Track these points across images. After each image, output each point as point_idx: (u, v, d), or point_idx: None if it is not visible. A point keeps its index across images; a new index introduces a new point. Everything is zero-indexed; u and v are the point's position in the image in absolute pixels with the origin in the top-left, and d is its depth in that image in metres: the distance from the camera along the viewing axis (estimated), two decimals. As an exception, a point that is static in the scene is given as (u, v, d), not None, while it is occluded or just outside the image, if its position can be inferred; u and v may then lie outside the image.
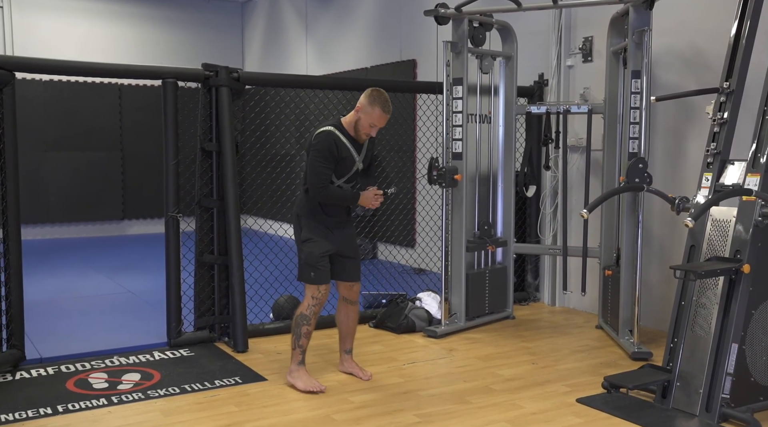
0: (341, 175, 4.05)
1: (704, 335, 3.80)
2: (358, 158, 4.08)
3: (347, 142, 4.02)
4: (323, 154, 3.94)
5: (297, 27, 10.60)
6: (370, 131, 3.99)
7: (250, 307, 5.38)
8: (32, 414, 3.71)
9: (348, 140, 4.02)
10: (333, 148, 3.95)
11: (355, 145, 4.06)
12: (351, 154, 4.03)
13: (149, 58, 11.24)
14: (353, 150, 4.04)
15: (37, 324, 5.54)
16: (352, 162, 4.05)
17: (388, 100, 3.98)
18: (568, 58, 6.16)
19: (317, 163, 3.94)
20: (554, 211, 6.24)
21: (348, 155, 4.02)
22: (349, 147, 4.02)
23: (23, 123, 10.35)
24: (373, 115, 3.94)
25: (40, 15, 10.72)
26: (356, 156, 4.06)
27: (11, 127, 4.38)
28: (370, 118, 3.95)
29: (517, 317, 5.89)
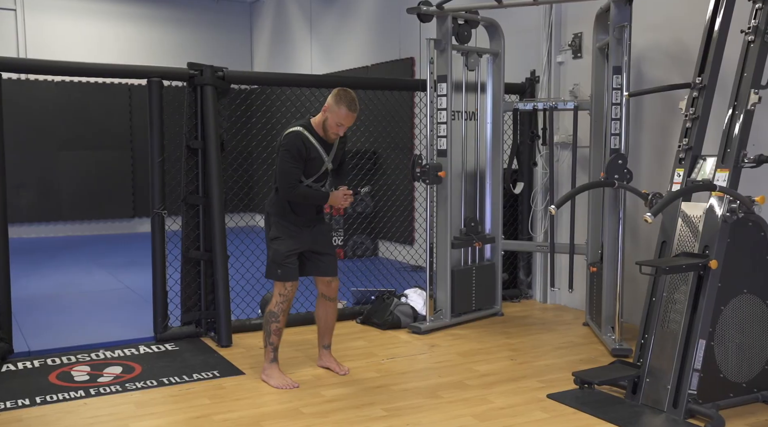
0: (310, 175, 4.09)
1: (675, 331, 3.79)
2: (327, 158, 4.12)
3: (316, 143, 4.06)
4: (292, 153, 4.00)
5: (302, 26, 10.68)
6: (338, 130, 4.03)
7: (237, 302, 5.47)
8: (10, 405, 3.81)
9: (317, 140, 4.07)
10: (301, 147, 4.00)
11: (324, 146, 4.10)
12: (320, 154, 4.08)
13: (159, 58, 11.37)
14: (322, 150, 4.09)
15: (33, 318, 5.71)
16: (321, 162, 4.10)
17: (354, 100, 4.01)
18: (558, 54, 6.16)
19: (286, 163, 3.99)
20: (545, 208, 6.24)
21: (317, 155, 4.07)
22: (317, 147, 4.07)
23: (36, 123, 10.70)
24: (339, 114, 3.98)
25: (52, 18, 10.92)
26: (325, 156, 4.11)
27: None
28: (336, 118, 3.99)
29: (506, 313, 5.90)
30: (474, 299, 5.65)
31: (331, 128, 4.03)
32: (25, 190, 10.71)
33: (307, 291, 5.83)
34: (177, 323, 5.17)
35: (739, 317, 3.75)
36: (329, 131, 4.04)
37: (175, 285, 5.18)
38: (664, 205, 3.45)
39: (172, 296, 5.14)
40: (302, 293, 5.88)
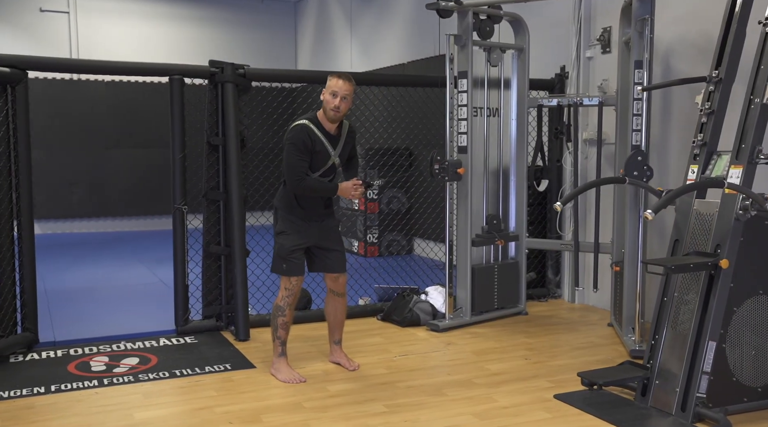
0: (316, 169, 4.10)
1: (685, 332, 3.67)
2: (334, 152, 4.13)
3: (321, 136, 4.07)
4: (297, 146, 4.01)
5: (342, 25, 10.73)
6: (335, 103, 3.99)
7: (257, 297, 5.53)
8: (26, 392, 3.95)
9: (322, 134, 4.08)
10: (307, 140, 4.02)
11: (329, 139, 4.11)
12: (325, 147, 4.09)
13: (206, 58, 11.55)
14: (327, 143, 4.09)
15: (66, 309, 5.91)
16: (327, 156, 4.10)
17: (345, 73, 4.09)
18: (587, 49, 6.03)
19: (292, 156, 4.01)
20: (574, 206, 6.11)
21: (322, 149, 4.08)
22: (323, 140, 4.07)
23: (87, 122, 11.04)
24: (330, 84, 4.01)
25: (103, 19, 11.25)
26: (331, 150, 4.11)
27: (24, 124, 4.64)
28: (330, 89, 4.00)
29: (531, 313, 5.81)
30: (496, 297, 5.58)
31: (328, 104, 4.01)
32: (76, 188, 11.08)
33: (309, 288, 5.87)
34: (199, 316, 5.26)
35: (754, 319, 3.61)
36: (328, 109, 4.02)
37: (196, 279, 5.27)
38: (666, 202, 3.34)
39: (193, 290, 5.23)
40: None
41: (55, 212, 11.00)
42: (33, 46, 10.60)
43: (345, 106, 4.04)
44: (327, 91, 4.03)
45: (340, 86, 4.01)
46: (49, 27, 10.99)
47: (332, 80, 4.04)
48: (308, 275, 5.13)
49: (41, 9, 10.94)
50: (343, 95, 4.02)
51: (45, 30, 10.96)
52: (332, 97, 4.01)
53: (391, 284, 6.02)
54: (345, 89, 4.02)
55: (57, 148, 10.87)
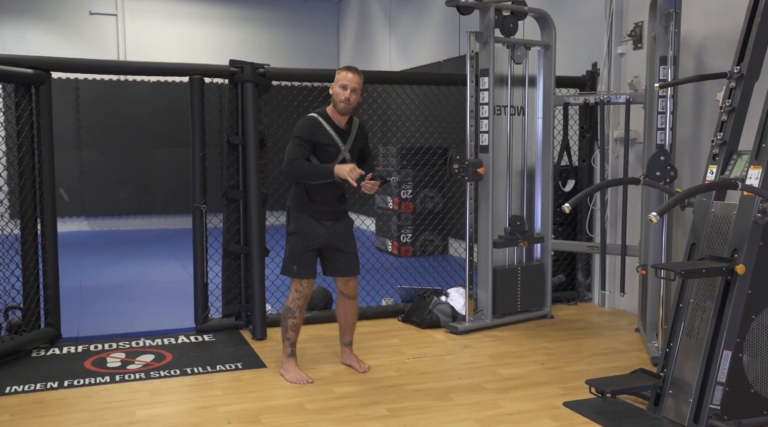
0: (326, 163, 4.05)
1: (700, 340, 3.50)
2: (344, 147, 4.08)
3: (330, 130, 4.04)
4: (297, 134, 4.00)
5: (382, 24, 10.69)
6: (345, 95, 3.97)
7: (278, 296, 5.54)
8: (39, 387, 4.03)
9: (332, 128, 4.05)
10: (312, 129, 4.00)
11: (340, 134, 4.07)
12: (334, 141, 4.04)
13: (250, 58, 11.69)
14: (337, 138, 4.05)
15: (95, 305, 6.03)
16: (337, 150, 4.05)
17: (353, 66, 4.07)
18: (619, 45, 5.84)
19: (292, 143, 3.99)
20: (602, 207, 5.93)
21: (331, 142, 4.03)
22: (331, 134, 4.03)
23: (134, 122, 11.29)
24: (339, 77, 4.01)
25: (149, 21, 11.47)
26: (341, 144, 4.07)
27: (47, 124, 4.74)
28: (339, 82, 4.00)
29: (557, 316, 5.67)
30: (519, 300, 5.46)
31: (338, 97, 3.99)
32: (123, 186, 11.34)
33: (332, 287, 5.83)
34: (219, 315, 5.30)
35: (774, 328, 3.42)
36: (338, 102, 4.00)
37: (216, 278, 5.31)
38: (673, 204, 3.18)
39: (213, 288, 5.27)
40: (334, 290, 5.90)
41: (103, 210, 11.28)
42: (82, 48, 10.87)
43: (355, 98, 4.02)
44: (336, 84, 4.02)
45: (350, 79, 3.99)
46: (98, 29, 11.26)
47: (341, 73, 4.03)
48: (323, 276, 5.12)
49: (91, 12, 11.22)
50: (353, 87, 4.00)
51: (94, 32, 11.23)
52: (342, 89, 3.99)
53: (413, 285, 5.94)
54: (354, 81, 4.00)
55: (106, 147, 11.15)
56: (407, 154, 8.57)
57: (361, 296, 5.79)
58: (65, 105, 10.87)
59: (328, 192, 4.13)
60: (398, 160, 8.64)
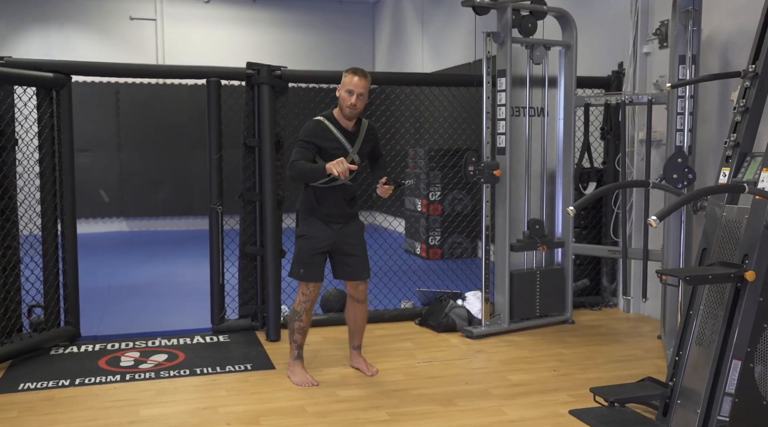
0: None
1: (709, 349, 3.38)
2: (352, 149, 4.06)
3: (337, 132, 4.02)
4: (301, 137, 4.01)
5: (415, 25, 10.66)
6: (351, 101, 3.95)
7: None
8: (51, 384, 4.11)
9: (339, 130, 4.03)
10: (317, 132, 3.99)
11: (347, 136, 4.05)
12: (342, 144, 4.02)
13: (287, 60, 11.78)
14: (345, 140, 4.03)
15: (119, 305, 6.13)
16: (344, 152, 4.02)
17: (362, 69, 4.02)
18: (644, 44, 5.69)
19: (296, 146, 3.99)
20: (629, 210, 5.79)
21: (338, 145, 4.01)
22: (338, 137, 4.02)
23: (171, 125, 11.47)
24: (345, 81, 3.98)
25: (187, 25, 11.65)
26: (348, 146, 4.05)
27: (67, 126, 4.84)
28: (345, 86, 3.97)
29: (578, 322, 5.54)
30: (538, 304, 5.36)
31: (345, 102, 3.97)
32: (161, 187, 11.53)
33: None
34: (236, 316, 5.33)
35: (788, 338, 3.27)
36: (344, 107, 3.98)
37: (232, 279, 5.35)
38: (673, 208, 3.06)
39: (229, 289, 5.31)
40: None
41: (142, 211, 11.49)
42: (122, 52, 11.09)
43: (361, 102, 4.00)
44: (343, 89, 4.00)
45: (356, 83, 3.97)
46: (137, 34, 11.48)
47: (347, 77, 4.01)
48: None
49: (131, 17, 11.45)
50: (359, 92, 3.98)
51: (134, 37, 11.45)
52: (348, 94, 3.98)
53: (432, 288, 5.89)
54: (361, 86, 3.98)
55: (145, 149, 11.34)
56: (436, 156, 8.52)
57: (378, 298, 5.81)
58: (106, 109, 11.12)
59: (337, 194, 4.11)
60: (427, 162, 8.58)
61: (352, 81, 3.98)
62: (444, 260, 8.39)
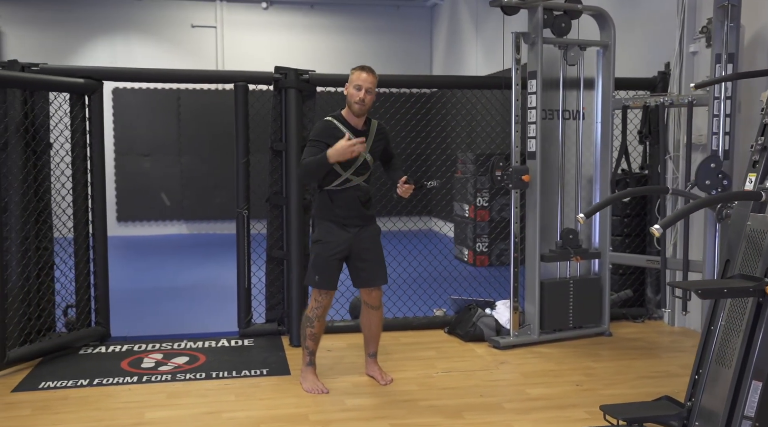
0: (347, 167, 3.95)
1: (729, 368, 3.14)
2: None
3: (346, 131, 3.96)
4: (310, 138, 4.00)
5: (469, 28, 10.50)
6: (359, 95, 3.90)
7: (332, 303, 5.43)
8: (70, 384, 4.18)
9: (348, 129, 3.97)
10: (327, 132, 3.95)
11: (357, 135, 3.98)
12: None
13: (345, 65, 11.80)
14: (355, 139, 3.97)
15: (155, 306, 6.23)
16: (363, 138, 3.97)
17: (368, 66, 4.00)
18: (691, 43, 5.40)
19: (305, 148, 3.97)
20: (675, 218, 5.49)
21: None
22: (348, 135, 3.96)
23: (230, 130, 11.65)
24: (353, 78, 3.96)
25: (246, 31, 11.83)
26: None
27: (98, 131, 4.94)
28: (353, 83, 3.94)
29: (617, 334, 5.29)
30: (572, 315, 5.14)
31: (352, 97, 3.93)
32: (219, 191, 11.73)
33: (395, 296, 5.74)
34: (261, 319, 5.33)
35: (817, 359, 3.00)
36: (352, 103, 3.94)
37: (259, 283, 5.35)
38: (678, 216, 2.86)
39: (256, 293, 5.32)
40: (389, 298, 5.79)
41: (201, 214, 11.72)
42: (184, 59, 11.37)
43: (369, 98, 3.95)
44: (350, 85, 3.96)
45: (364, 79, 3.92)
46: (198, 41, 11.74)
47: (355, 73, 3.97)
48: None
49: (192, 25, 11.71)
50: (367, 88, 3.93)
51: (195, 44, 11.71)
52: (356, 90, 3.93)
53: (464, 296, 5.74)
54: (369, 81, 3.93)
55: (204, 154, 11.58)
56: (486, 161, 8.34)
57: (408, 305, 5.71)
58: (167, 114, 11.41)
59: (352, 195, 4.02)
60: (476, 167, 8.42)
61: (360, 77, 3.94)
62: (491, 268, 8.21)
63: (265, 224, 5.37)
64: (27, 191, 4.61)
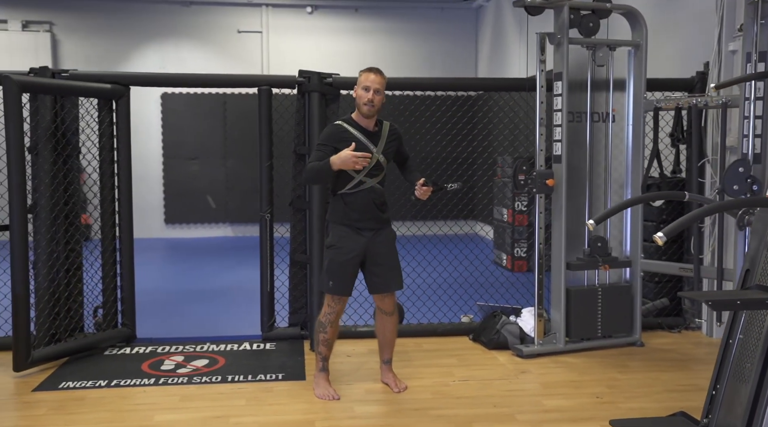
0: (361, 169, 3.90)
1: (747, 384, 2.97)
2: (375, 149, 3.93)
3: (358, 133, 3.92)
4: (318, 142, 3.98)
5: (514, 30, 10.33)
6: (368, 96, 3.87)
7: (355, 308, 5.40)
8: (89, 385, 4.24)
9: (359, 132, 3.93)
10: (336, 135, 3.92)
11: (369, 136, 3.94)
12: (364, 145, 3.91)
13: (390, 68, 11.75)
14: (367, 141, 3.92)
15: (186, 308, 6.29)
16: (368, 153, 3.90)
17: (376, 67, 3.99)
18: (730, 42, 5.17)
19: (312, 153, 3.93)
20: (713, 223, 5.27)
21: (359, 146, 3.88)
22: (359, 137, 3.91)
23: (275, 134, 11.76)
24: (361, 79, 3.94)
25: (291, 36, 11.91)
26: (372, 147, 3.92)
27: (125, 135, 5.02)
28: (361, 84, 3.92)
29: (649, 344, 5.09)
30: (600, 324, 4.97)
31: (360, 99, 3.90)
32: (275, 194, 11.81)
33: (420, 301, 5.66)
34: (284, 323, 5.33)
35: (841, 376, 2.82)
36: (361, 104, 3.90)
37: (282, 287, 5.34)
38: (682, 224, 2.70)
39: (279, 297, 5.31)
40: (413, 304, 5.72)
41: (245, 217, 11.81)
42: (230, 65, 11.49)
43: (378, 99, 3.91)
44: (359, 87, 3.93)
45: (372, 80, 3.89)
46: (244, 47, 11.86)
47: (363, 75, 3.95)
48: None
49: (239, 30, 11.85)
50: (376, 88, 3.89)
51: (241, 49, 11.84)
52: (365, 91, 3.90)
53: (490, 302, 5.62)
54: (377, 82, 3.89)
55: (249, 157, 11.66)
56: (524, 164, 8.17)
57: (432, 311, 5.62)
58: (213, 118, 11.57)
59: (366, 198, 3.96)
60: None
61: (368, 78, 3.91)
62: (529, 273, 8.03)
63: (289, 228, 5.34)
64: (53, 194, 4.70)
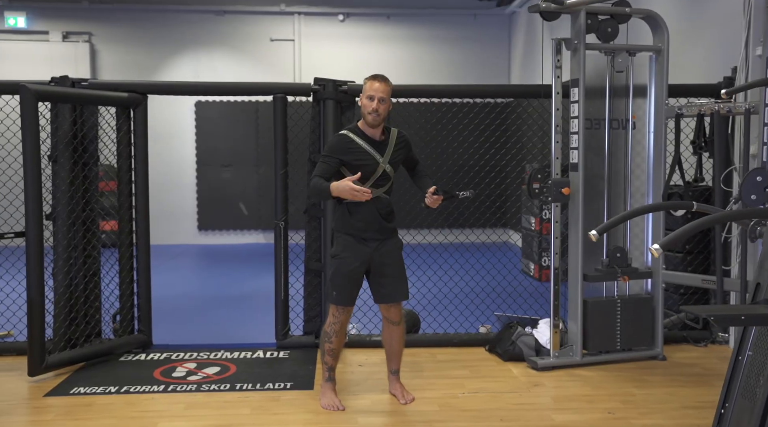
0: (366, 178, 3.85)
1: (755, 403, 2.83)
2: (382, 159, 3.88)
3: (364, 143, 3.87)
4: (323, 153, 3.95)
5: (546, 36, 10.17)
6: (372, 106, 3.82)
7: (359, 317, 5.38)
8: (100, 390, 4.27)
9: (365, 141, 3.88)
10: (341, 145, 3.88)
11: (375, 146, 3.89)
12: (370, 154, 3.86)
13: (422, 75, 11.72)
14: (373, 150, 3.87)
15: (204, 315, 6.32)
16: (375, 163, 3.86)
17: (381, 75, 3.93)
18: (758, 46, 4.99)
19: (317, 165, 3.91)
20: (741, 234, 5.09)
21: (365, 157, 3.85)
22: (365, 148, 3.86)
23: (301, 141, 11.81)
24: (366, 88, 3.89)
25: (322, 44, 11.95)
26: (378, 156, 3.87)
27: (142, 143, 5.06)
28: (366, 93, 3.87)
29: (672, 358, 4.93)
30: (619, 337, 4.83)
31: (366, 108, 3.85)
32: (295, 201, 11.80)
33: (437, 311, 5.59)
34: (299, 331, 5.31)
35: None
36: (366, 114, 3.85)
37: (296, 295, 5.33)
38: (680, 235, 2.59)
39: (293, 305, 5.30)
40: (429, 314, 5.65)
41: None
42: (263, 72, 11.58)
43: (383, 108, 3.85)
44: (364, 96, 3.88)
45: (376, 88, 3.84)
46: (277, 54, 11.95)
47: (368, 83, 3.90)
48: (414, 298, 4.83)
49: (271, 39, 11.95)
50: (381, 97, 3.84)
51: (273, 57, 11.93)
52: (369, 100, 3.85)
53: (509, 313, 5.52)
54: (382, 91, 3.84)
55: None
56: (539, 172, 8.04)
57: (449, 321, 5.54)
58: (246, 126, 11.67)
59: (371, 208, 3.90)
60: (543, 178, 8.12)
61: (372, 86, 3.86)
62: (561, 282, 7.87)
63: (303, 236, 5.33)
64: (71, 201, 4.76)
